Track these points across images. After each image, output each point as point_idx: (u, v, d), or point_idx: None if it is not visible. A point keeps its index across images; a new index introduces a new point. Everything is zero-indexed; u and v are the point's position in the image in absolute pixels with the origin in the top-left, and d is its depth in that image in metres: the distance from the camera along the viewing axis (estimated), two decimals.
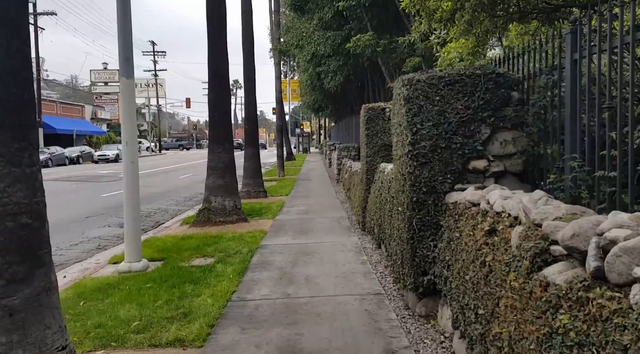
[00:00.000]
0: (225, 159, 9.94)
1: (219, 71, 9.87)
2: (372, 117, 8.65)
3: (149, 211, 13.81)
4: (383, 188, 6.77)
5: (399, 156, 4.63)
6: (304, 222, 10.12)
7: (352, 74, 16.36)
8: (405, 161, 4.37)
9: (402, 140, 4.48)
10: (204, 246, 7.86)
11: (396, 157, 4.81)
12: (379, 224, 6.95)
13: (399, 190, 4.65)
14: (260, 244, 7.92)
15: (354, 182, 12.31)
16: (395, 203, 4.92)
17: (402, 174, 4.51)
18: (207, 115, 10.90)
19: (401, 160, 4.52)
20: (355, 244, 7.77)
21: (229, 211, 9.86)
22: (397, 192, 4.75)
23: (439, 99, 4.28)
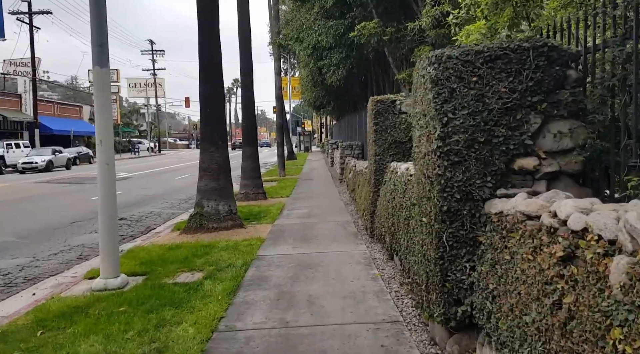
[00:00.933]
0: (218, 159, 9.02)
1: (211, 62, 8.95)
2: (381, 110, 7.72)
3: (140, 215, 12.94)
4: (396, 191, 5.84)
5: (422, 153, 3.70)
6: (306, 227, 9.20)
7: (355, 67, 15.41)
8: (433, 159, 3.45)
9: (427, 134, 3.55)
10: (193, 258, 6.94)
11: (418, 155, 3.88)
12: (391, 233, 6.03)
13: (423, 196, 3.72)
14: (256, 255, 7.00)
15: (359, 182, 11.39)
16: (417, 212, 4.00)
17: (427, 176, 3.59)
18: None
19: (426, 159, 3.60)
20: (363, 254, 6.85)
21: (223, 216, 8.95)
22: (421, 199, 3.83)
23: (476, 81, 3.35)
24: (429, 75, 3.45)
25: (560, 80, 3.39)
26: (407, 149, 7.65)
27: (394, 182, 6.19)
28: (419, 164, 3.87)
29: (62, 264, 8.06)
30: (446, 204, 3.35)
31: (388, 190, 6.53)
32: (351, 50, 14.10)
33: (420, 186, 3.84)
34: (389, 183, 6.68)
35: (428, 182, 3.57)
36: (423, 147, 3.68)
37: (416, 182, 4.00)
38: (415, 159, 4.08)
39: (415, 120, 3.96)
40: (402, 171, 5.88)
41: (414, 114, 4.06)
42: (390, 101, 7.77)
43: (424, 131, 3.66)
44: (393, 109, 7.73)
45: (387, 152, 7.68)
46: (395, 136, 7.68)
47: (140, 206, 14.61)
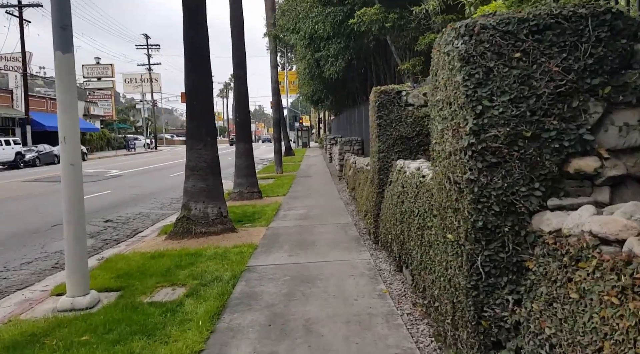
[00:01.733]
0: (207, 157, 8.23)
1: (197, 51, 8.14)
2: (385, 103, 6.94)
3: (127, 217, 12.17)
4: (405, 195, 5.07)
5: (447, 152, 2.93)
6: (303, 231, 8.43)
7: (354, 58, 14.59)
8: (462, 161, 2.67)
9: (454, 127, 2.78)
10: (176, 270, 6.17)
11: (441, 154, 3.11)
12: (400, 242, 5.26)
13: (448, 206, 2.95)
14: (247, 266, 6.23)
15: (359, 180, 10.62)
16: (439, 225, 3.22)
17: (453, 181, 2.82)
18: None
19: (452, 159, 2.82)
20: (367, 264, 6.08)
21: (213, 220, 8.17)
22: (444, 210, 3.05)
23: (519, 57, 2.57)
24: (456, 51, 2.67)
25: (626, 58, 2.61)
26: (414, 145, 6.89)
27: (402, 184, 5.42)
28: (441, 165, 3.10)
29: (35, 274, 7.30)
30: (481, 218, 2.58)
31: (395, 192, 5.76)
32: (350, 40, 13.27)
33: (443, 193, 3.06)
34: (395, 184, 5.91)
35: (455, 190, 2.79)
36: (447, 145, 2.91)
37: (437, 188, 3.23)
38: (435, 159, 3.30)
39: (436, 110, 3.18)
40: (411, 171, 5.11)
41: (433, 103, 3.28)
42: (396, 91, 6.99)
43: (448, 123, 2.88)
44: (398, 101, 6.96)
45: (392, 148, 6.91)
46: (402, 131, 6.90)
47: (129, 206, 13.85)
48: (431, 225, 3.92)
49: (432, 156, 3.38)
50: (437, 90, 3.10)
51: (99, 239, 9.72)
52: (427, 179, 4.33)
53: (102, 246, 9.12)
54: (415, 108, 6.95)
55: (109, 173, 25.00)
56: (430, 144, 6.93)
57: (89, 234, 10.19)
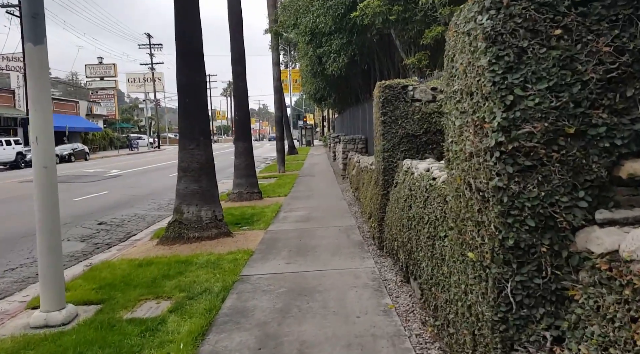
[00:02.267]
0: (200, 157, 7.74)
1: (189, 45, 7.64)
2: (390, 98, 6.43)
3: (122, 219, 11.71)
4: (413, 199, 4.57)
5: (466, 153, 2.42)
6: (303, 235, 7.93)
7: (357, 54, 14.06)
8: (487, 164, 2.17)
9: (476, 123, 2.27)
10: (163, 280, 5.69)
11: (458, 155, 2.60)
12: (407, 251, 4.76)
13: (468, 218, 2.44)
14: (240, 275, 5.74)
15: (363, 180, 10.12)
16: (456, 240, 2.71)
17: (475, 188, 2.31)
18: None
19: (474, 162, 2.31)
20: (371, 273, 5.58)
21: (207, 224, 7.68)
22: (462, 222, 2.55)
23: (560, 35, 2.06)
24: (480, 29, 2.16)
25: None
26: (422, 143, 6.38)
27: (409, 187, 4.91)
28: (458, 168, 2.59)
29: (17, 282, 6.84)
30: (512, 235, 2.07)
31: (401, 195, 5.26)
32: (353, 35, 12.75)
33: (461, 201, 2.55)
34: (402, 186, 5.40)
35: (478, 199, 2.28)
36: (467, 144, 2.40)
37: (454, 196, 2.71)
38: (450, 161, 2.79)
39: (452, 103, 2.66)
40: (420, 173, 4.60)
41: (448, 94, 2.77)
42: (401, 86, 6.47)
43: (468, 118, 2.37)
44: (404, 96, 6.45)
45: (397, 147, 6.41)
46: (408, 128, 6.40)
47: (125, 208, 13.40)
48: (444, 235, 3.41)
49: (447, 156, 2.87)
50: (454, 79, 2.59)
51: (90, 243, 9.26)
52: (439, 182, 3.82)
53: (92, 251, 8.66)
54: (422, 104, 6.44)
55: (108, 173, 24.58)
56: (441, 143, 6.44)
57: (80, 237, 9.76)
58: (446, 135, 2.85)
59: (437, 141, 6.38)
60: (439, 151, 6.38)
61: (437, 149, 6.38)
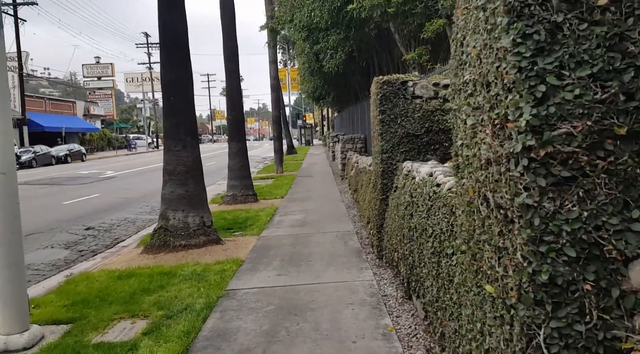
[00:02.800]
0: (186, 159, 7.25)
1: (174, 38, 7.15)
2: (388, 95, 5.95)
3: (111, 223, 11.23)
4: (415, 206, 4.08)
5: (483, 160, 1.93)
6: (298, 241, 7.45)
7: (355, 50, 13.56)
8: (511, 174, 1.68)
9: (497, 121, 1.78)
10: (142, 295, 5.20)
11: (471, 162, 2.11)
12: (408, 264, 4.27)
13: (485, 242, 1.95)
14: (225, 290, 5.25)
15: (362, 182, 9.64)
16: (468, 265, 2.22)
17: (495, 205, 1.82)
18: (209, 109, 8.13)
19: (493, 171, 1.82)
20: (369, 287, 5.09)
21: (194, 231, 7.19)
22: (477, 245, 2.05)
23: (606, 5, 1.57)
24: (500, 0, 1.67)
25: None
26: (423, 144, 5.89)
27: (410, 193, 4.42)
28: (471, 178, 2.10)
29: None
30: (546, 268, 1.59)
31: (401, 202, 4.77)
32: (350, 30, 12.26)
33: (475, 219, 2.06)
34: (402, 192, 4.91)
35: (499, 218, 1.79)
36: (483, 148, 1.91)
37: (465, 211, 2.22)
38: (460, 167, 2.30)
39: (462, 96, 2.17)
40: (422, 177, 4.12)
41: (457, 87, 2.27)
42: (401, 82, 5.98)
43: (484, 116, 1.88)
44: (404, 93, 5.96)
45: (397, 148, 5.92)
46: (408, 128, 5.91)
47: (116, 211, 12.92)
48: (451, 253, 2.93)
49: (456, 162, 2.39)
50: (465, 67, 2.10)
51: (75, 250, 8.79)
52: (444, 190, 3.33)
53: (76, 259, 8.19)
54: (423, 101, 5.95)
55: (102, 174, 24.10)
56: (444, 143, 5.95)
57: (65, 244, 9.28)
58: (454, 136, 2.37)
59: (439, 141, 5.89)
60: (442, 152, 5.89)
61: (440, 150, 5.89)
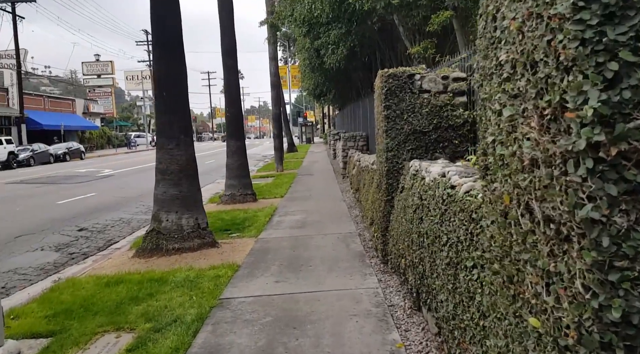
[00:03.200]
0: (180, 158, 6.87)
1: (167, 31, 6.76)
2: (394, 89, 5.56)
3: (105, 224, 10.86)
4: (426, 211, 3.70)
5: (527, 159, 1.53)
6: (298, 244, 7.07)
7: (357, 45, 13.17)
8: (569, 179, 1.29)
9: (547, 110, 1.39)
10: (130, 304, 4.83)
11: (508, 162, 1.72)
12: (418, 273, 3.89)
13: (527, 262, 1.56)
14: (219, 299, 4.87)
15: (364, 181, 9.26)
16: (500, 287, 1.83)
17: (542, 217, 1.43)
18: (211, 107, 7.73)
19: (542, 174, 1.44)
20: (374, 295, 4.70)
21: (188, 233, 6.81)
22: (514, 265, 1.67)
23: None
24: None
25: None
26: (431, 141, 5.51)
27: (419, 194, 4.03)
28: (507, 182, 1.71)
29: None
30: (618, 302, 1.20)
31: (409, 204, 4.38)
32: (352, 24, 11.86)
33: (512, 233, 1.67)
34: (409, 193, 4.53)
35: (548, 235, 1.41)
36: (526, 145, 1.52)
37: (498, 222, 1.83)
38: (491, 169, 1.91)
39: (495, 82, 1.78)
40: (433, 178, 3.73)
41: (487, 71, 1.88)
42: (407, 75, 5.60)
43: (529, 104, 1.49)
44: (411, 87, 5.57)
45: (403, 146, 5.54)
46: (415, 124, 5.53)
47: (111, 211, 12.55)
48: (472, 266, 2.55)
49: (482, 162, 2.00)
50: (499, 45, 1.71)
51: (65, 253, 8.42)
52: (460, 193, 2.95)
53: (66, 262, 7.83)
54: (431, 95, 5.57)
55: (100, 173, 23.74)
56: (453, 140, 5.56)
57: (56, 246, 8.92)
58: (482, 131, 1.98)
59: (449, 138, 5.51)
60: (451, 150, 5.51)
61: (450, 148, 5.51)
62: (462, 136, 5.49)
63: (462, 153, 5.49)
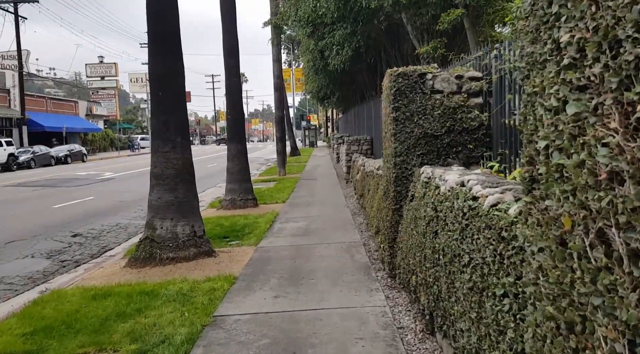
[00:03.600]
0: (176, 162, 6.48)
1: (163, 25, 6.39)
2: (404, 89, 5.17)
3: (101, 229, 10.50)
4: (442, 224, 3.29)
5: (604, 173, 1.14)
6: (299, 254, 6.68)
7: (362, 46, 12.79)
8: None
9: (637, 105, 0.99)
10: (116, 321, 4.44)
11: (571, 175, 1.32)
12: (433, 294, 3.48)
13: (597, 308, 1.16)
14: (213, 316, 4.47)
15: (369, 186, 8.86)
16: (554, 335, 1.43)
17: (625, 251, 1.03)
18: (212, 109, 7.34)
19: (626, 193, 1.03)
20: (382, 316, 4.30)
21: (184, 242, 6.43)
22: (572, 310, 1.27)
23: None
24: None
25: None
26: (443, 146, 5.11)
27: (433, 206, 3.63)
28: (569, 201, 1.31)
29: None
30: None
31: (421, 215, 3.98)
32: (358, 24, 11.49)
33: (576, 268, 1.27)
34: (421, 203, 4.13)
35: (637, 277, 1.01)
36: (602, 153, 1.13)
37: (553, 254, 1.43)
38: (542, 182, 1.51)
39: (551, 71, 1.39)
40: (450, 187, 3.33)
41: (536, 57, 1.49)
42: (418, 74, 5.21)
43: (606, 98, 1.10)
44: (422, 87, 5.18)
45: (413, 150, 5.15)
46: (426, 127, 5.13)
47: (109, 216, 12.19)
48: (503, 293, 2.15)
49: (527, 173, 1.60)
50: (557, 22, 1.31)
51: (57, 261, 8.04)
52: (485, 206, 2.56)
53: (56, 270, 7.46)
54: (444, 96, 5.18)
55: (100, 176, 23.42)
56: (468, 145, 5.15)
57: (47, 253, 8.54)
58: (526, 134, 1.59)
59: (463, 142, 5.11)
60: (465, 156, 5.11)
61: (463, 153, 5.11)
62: (477, 140, 5.09)
63: (477, 159, 5.09)
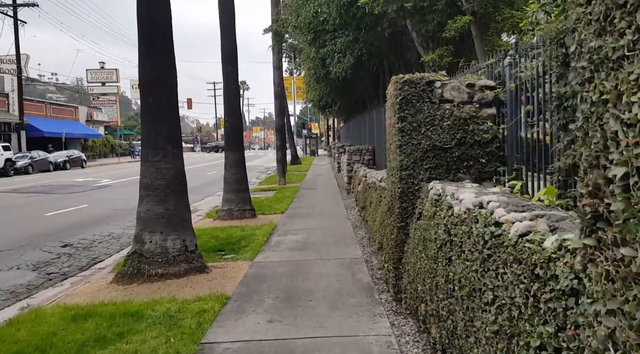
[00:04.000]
0: (167, 172, 6.11)
1: (154, 29, 6.04)
2: (410, 98, 4.81)
3: (93, 239, 10.11)
4: (457, 250, 2.91)
5: None
6: (297, 272, 6.28)
7: (365, 54, 12.47)
8: None
9: None
10: (95, 346, 4.05)
11: None
12: (446, 329, 3.08)
13: None
14: (201, 342, 4.07)
15: (371, 199, 8.49)
16: None
17: None
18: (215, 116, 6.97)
19: None
20: (387, 347, 3.89)
21: (174, 257, 6.03)
22: None
23: None
24: None
25: None
26: (453, 159, 4.74)
27: (446, 228, 3.25)
28: None
29: None
30: None
31: (431, 237, 3.60)
32: (360, 31, 11.17)
33: None
34: (430, 223, 3.74)
35: None
36: None
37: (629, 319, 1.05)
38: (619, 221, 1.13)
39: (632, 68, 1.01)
40: (466, 208, 2.95)
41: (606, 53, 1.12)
42: (426, 81, 4.85)
43: None
44: (430, 95, 4.82)
45: (420, 164, 4.77)
46: (435, 139, 4.76)
47: (102, 225, 11.82)
48: (540, 345, 1.76)
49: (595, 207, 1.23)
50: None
51: (43, 273, 7.64)
52: (513, 235, 2.17)
53: (41, 284, 7.06)
54: (454, 106, 4.82)
55: (97, 183, 23.07)
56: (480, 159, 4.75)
57: (34, 264, 8.14)
58: (587, 156, 1.22)
59: (474, 156, 4.74)
60: (477, 170, 4.74)
61: (475, 168, 4.73)
62: (490, 154, 4.72)
63: (490, 174, 4.72)
